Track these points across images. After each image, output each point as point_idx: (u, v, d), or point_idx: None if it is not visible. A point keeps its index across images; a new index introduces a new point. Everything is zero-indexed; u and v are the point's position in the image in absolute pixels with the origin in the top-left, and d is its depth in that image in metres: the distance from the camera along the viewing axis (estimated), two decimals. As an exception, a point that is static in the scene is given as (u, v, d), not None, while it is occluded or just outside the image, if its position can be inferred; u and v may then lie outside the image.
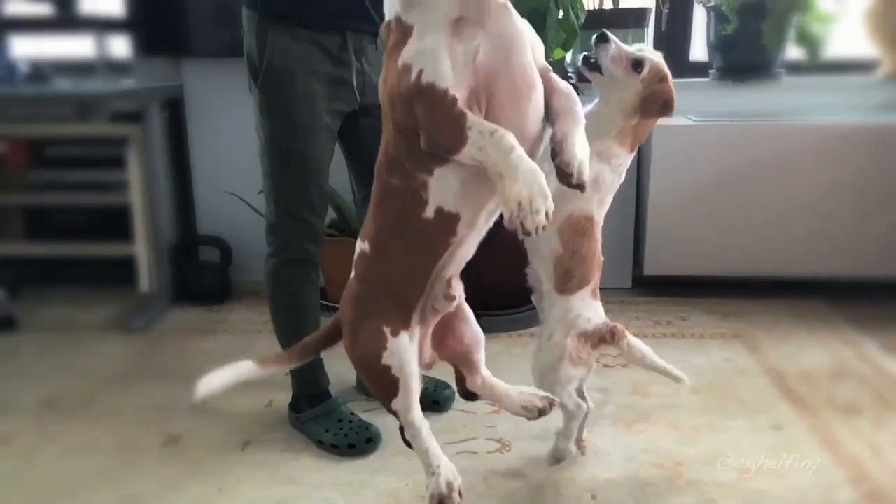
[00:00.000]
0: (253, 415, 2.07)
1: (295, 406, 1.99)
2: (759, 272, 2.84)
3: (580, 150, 1.15)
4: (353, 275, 1.37)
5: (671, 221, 2.81)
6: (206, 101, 3.00)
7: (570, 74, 2.95)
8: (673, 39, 3.11)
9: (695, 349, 2.44)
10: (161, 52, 2.95)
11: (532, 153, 1.16)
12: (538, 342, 1.69)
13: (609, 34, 1.57)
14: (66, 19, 2.90)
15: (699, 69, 3.07)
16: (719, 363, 2.31)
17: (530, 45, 1.18)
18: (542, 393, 1.46)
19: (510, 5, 1.15)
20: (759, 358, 2.34)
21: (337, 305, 1.40)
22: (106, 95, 2.74)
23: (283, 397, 2.04)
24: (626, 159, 1.61)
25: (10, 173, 2.85)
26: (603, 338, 1.65)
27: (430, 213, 1.21)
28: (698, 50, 3.12)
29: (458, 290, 1.36)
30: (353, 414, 1.93)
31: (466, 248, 1.29)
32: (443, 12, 1.12)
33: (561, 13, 2.43)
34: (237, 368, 1.39)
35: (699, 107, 2.94)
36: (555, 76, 1.22)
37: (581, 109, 1.19)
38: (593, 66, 1.58)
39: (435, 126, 1.12)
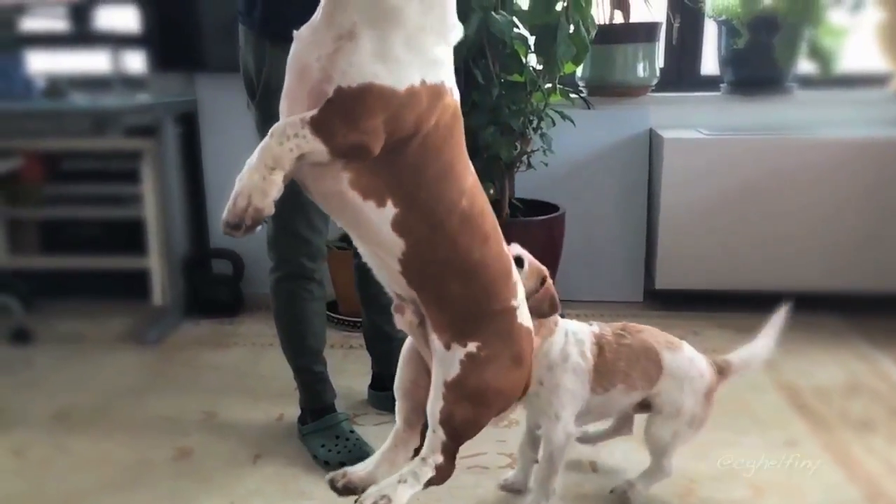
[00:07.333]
0: (264, 428, 2.07)
1: (301, 418, 2.00)
2: (772, 286, 2.81)
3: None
4: None
5: (683, 235, 2.80)
6: (219, 115, 3.03)
7: (581, 89, 2.97)
8: (684, 53, 3.11)
9: (707, 364, 2.42)
10: (175, 66, 2.98)
11: None
12: (656, 418, 1.62)
13: None
14: (81, 35, 2.94)
15: (710, 83, 3.07)
16: (732, 378, 2.28)
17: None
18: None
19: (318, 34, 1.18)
20: (772, 373, 2.31)
21: (348, 318, 1.34)
22: (121, 110, 2.76)
23: (294, 411, 2.04)
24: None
25: (26, 187, 2.88)
26: (719, 380, 1.65)
27: None
28: (709, 64, 3.13)
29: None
30: (352, 432, 1.92)
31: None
32: None
33: (572, 28, 2.44)
34: None
35: (710, 121, 2.94)
36: None
37: None
38: None
39: None
